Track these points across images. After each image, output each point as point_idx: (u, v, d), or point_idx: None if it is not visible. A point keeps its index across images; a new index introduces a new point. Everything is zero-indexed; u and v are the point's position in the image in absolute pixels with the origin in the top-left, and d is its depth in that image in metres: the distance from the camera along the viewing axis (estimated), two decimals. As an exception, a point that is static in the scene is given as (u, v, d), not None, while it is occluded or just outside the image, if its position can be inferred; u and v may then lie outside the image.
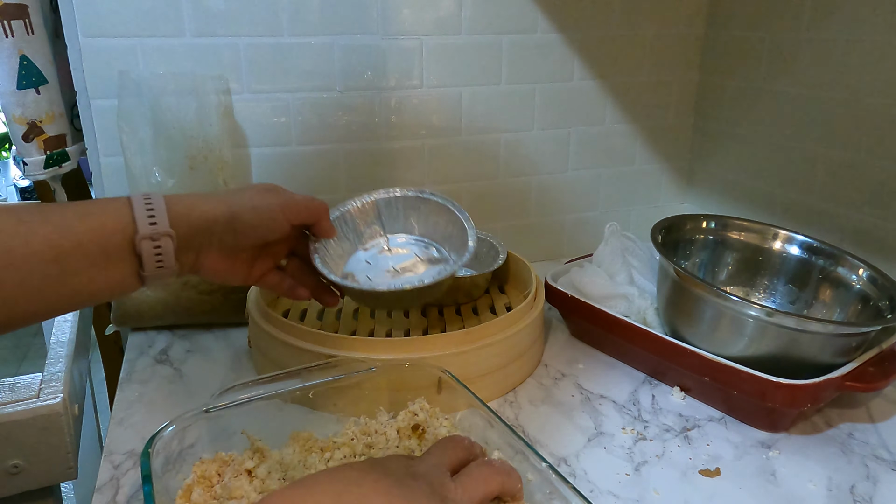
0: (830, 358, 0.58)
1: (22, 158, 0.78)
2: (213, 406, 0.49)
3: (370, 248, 0.64)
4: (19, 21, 0.73)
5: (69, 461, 0.60)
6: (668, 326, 0.68)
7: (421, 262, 0.62)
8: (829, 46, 0.79)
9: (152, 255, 0.44)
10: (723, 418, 0.61)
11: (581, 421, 0.60)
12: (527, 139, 0.93)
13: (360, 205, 0.64)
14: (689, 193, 1.06)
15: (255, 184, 0.55)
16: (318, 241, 0.57)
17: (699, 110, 1.01)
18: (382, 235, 0.64)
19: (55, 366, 0.64)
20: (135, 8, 0.72)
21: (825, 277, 0.70)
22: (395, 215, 0.65)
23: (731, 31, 0.93)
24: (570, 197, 0.99)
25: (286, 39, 0.78)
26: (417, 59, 0.84)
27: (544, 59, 0.90)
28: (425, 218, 0.64)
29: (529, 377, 0.67)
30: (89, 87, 0.73)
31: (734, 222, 0.76)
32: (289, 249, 0.57)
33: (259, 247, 0.53)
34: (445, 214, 0.63)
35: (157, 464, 0.44)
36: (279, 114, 0.81)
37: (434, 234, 0.64)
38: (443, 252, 0.63)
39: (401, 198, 0.64)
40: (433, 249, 0.64)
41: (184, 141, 0.72)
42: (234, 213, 0.48)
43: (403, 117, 0.86)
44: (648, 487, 0.52)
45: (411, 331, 0.70)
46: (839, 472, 0.54)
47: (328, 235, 0.58)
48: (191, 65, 0.75)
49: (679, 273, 0.63)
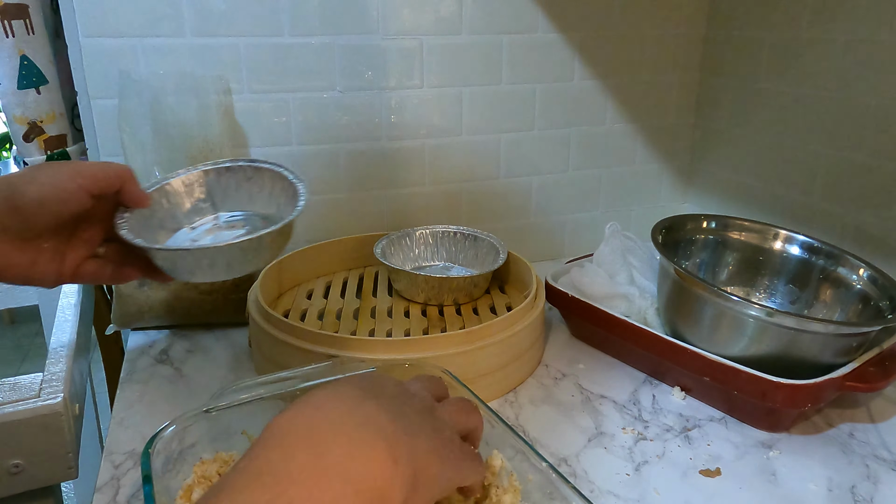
0: (831, 358, 0.58)
1: (22, 158, 0.78)
2: (214, 406, 0.49)
3: (197, 226, 0.56)
4: (20, 21, 0.73)
5: (70, 461, 0.60)
6: (669, 326, 0.68)
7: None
8: (830, 46, 0.79)
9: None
10: (723, 418, 0.61)
11: (581, 421, 0.60)
12: (527, 139, 0.93)
13: (185, 178, 0.56)
14: (689, 193, 1.06)
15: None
16: (130, 212, 0.50)
17: (700, 110, 1.01)
18: (213, 213, 0.57)
19: (56, 366, 0.64)
20: (135, 8, 0.72)
21: (826, 277, 0.70)
22: (227, 188, 0.57)
23: (731, 32, 0.93)
24: (570, 197, 0.99)
25: (286, 39, 0.78)
26: (418, 59, 0.84)
27: (545, 60, 0.90)
28: (259, 189, 0.57)
29: (530, 377, 0.67)
30: (90, 86, 0.73)
31: (735, 222, 0.76)
32: (104, 233, 0.50)
33: (61, 230, 0.46)
34: (280, 183, 0.55)
35: (157, 464, 0.43)
36: (279, 114, 0.81)
37: (269, 208, 0.56)
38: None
39: (232, 168, 0.57)
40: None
41: (184, 141, 0.72)
42: (13, 188, 0.42)
43: (404, 117, 0.86)
44: (649, 487, 0.52)
45: (411, 331, 0.70)
46: (840, 472, 0.54)
47: (139, 203, 0.50)
48: (191, 65, 0.75)
49: (679, 273, 0.63)
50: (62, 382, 0.61)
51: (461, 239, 0.85)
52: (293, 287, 0.80)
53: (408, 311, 0.75)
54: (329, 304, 0.75)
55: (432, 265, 0.85)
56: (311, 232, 0.86)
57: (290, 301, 0.76)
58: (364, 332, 0.69)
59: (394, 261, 0.81)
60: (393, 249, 0.82)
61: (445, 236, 0.85)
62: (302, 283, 0.81)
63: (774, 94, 0.88)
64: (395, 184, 0.89)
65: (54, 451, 0.59)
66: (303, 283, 0.81)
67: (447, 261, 0.85)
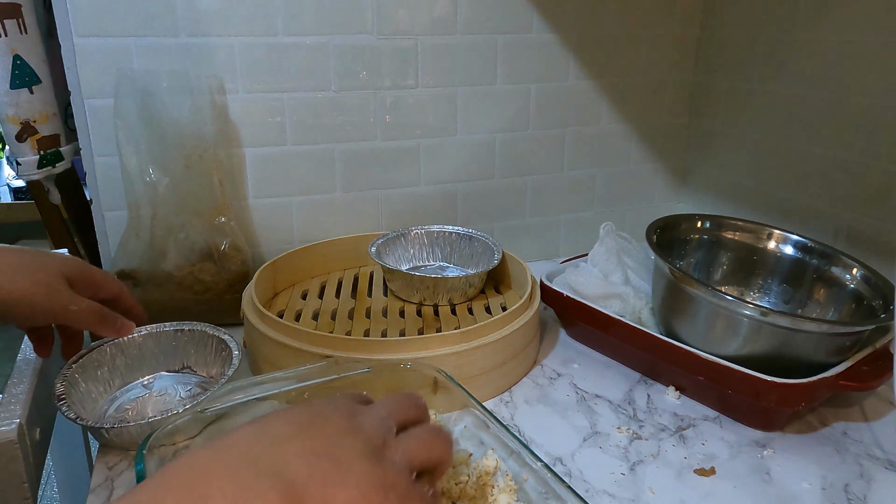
0: (824, 357, 0.58)
1: (15, 158, 0.78)
2: (208, 406, 0.49)
3: (128, 391, 0.61)
4: (12, 20, 0.73)
5: (25, 492, 0.55)
6: (663, 326, 0.68)
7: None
8: (823, 47, 0.80)
9: None
10: (717, 417, 0.61)
11: (576, 420, 0.60)
12: (522, 139, 0.93)
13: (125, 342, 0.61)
14: (683, 193, 1.06)
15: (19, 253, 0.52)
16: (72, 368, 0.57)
17: (694, 110, 1.01)
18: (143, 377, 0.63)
19: (18, 386, 0.59)
20: (129, 7, 0.71)
21: (819, 277, 0.70)
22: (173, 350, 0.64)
23: (725, 32, 0.94)
24: (565, 197, 0.99)
25: (281, 39, 0.78)
26: (413, 59, 0.84)
27: (539, 60, 0.90)
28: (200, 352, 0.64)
29: (525, 377, 0.67)
30: (83, 86, 0.73)
31: (729, 222, 0.77)
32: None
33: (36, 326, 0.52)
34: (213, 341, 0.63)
35: (151, 465, 0.43)
36: (274, 113, 0.80)
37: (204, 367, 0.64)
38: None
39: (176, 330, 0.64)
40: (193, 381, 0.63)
41: (178, 140, 0.72)
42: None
43: (399, 117, 0.86)
44: (644, 487, 0.52)
45: (406, 331, 0.70)
46: (833, 470, 0.54)
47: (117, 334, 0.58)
48: (185, 64, 0.75)
49: (674, 273, 0.63)
50: (21, 406, 0.56)
51: (456, 239, 0.85)
52: (288, 287, 0.80)
53: (403, 311, 0.75)
54: (324, 304, 0.75)
55: (427, 265, 0.85)
56: (306, 232, 0.86)
57: (284, 301, 0.76)
58: (359, 332, 0.69)
59: (389, 261, 0.81)
60: (388, 249, 0.82)
61: (440, 236, 0.85)
62: (297, 284, 0.81)
63: (768, 94, 0.88)
64: (390, 184, 0.89)
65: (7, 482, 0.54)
66: (298, 283, 0.81)
67: (442, 261, 0.85)
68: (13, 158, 0.78)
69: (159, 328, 0.63)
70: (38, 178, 0.79)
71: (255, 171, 0.82)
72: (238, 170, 0.81)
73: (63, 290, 0.52)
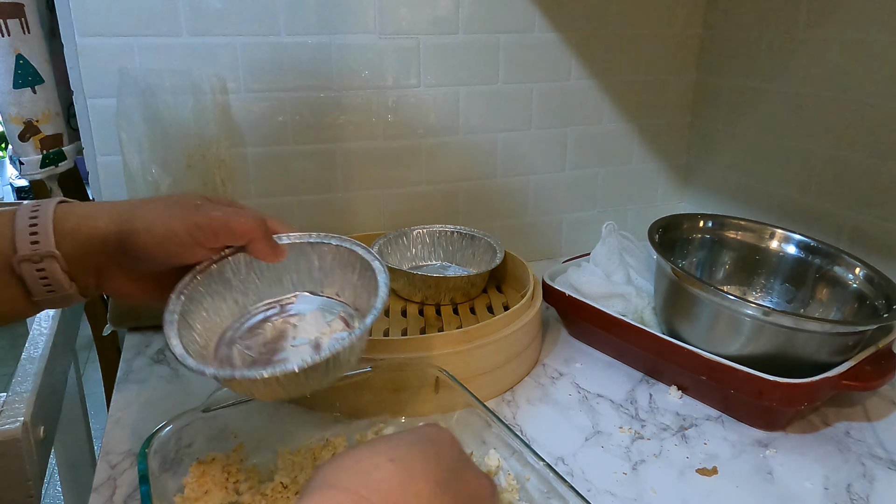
0: (827, 357, 0.58)
1: (18, 158, 0.78)
2: (211, 406, 0.49)
3: (258, 313, 0.50)
4: (15, 20, 0.73)
5: (29, 489, 0.55)
6: (666, 325, 0.68)
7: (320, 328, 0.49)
8: (826, 46, 0.80)
9: (36, 279, 0.37)
10: (720, 417, 0.61)
11: (578, 420, 0.60)
12: (524, 138, 0.93)
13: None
14: (686, 193, 1.06)
15: (171, 195, 0.45)
16: (191, 283, 0.44)
17: (696, 110, 1.01)
18: (290, 292, 0.51)
19: (22, 384, 0.59)
20: (131, 7, 0.71)
21: (822, 276, 0.70)
22: (306, 266, 0.51)
23: (728, 31, 0.93)
24: (567, 196, 0.99)
25: (283, 38, 0.78)
26: (415, 59, 0.84)
27: (542, 59, 0.90)
28: (339, 268, 0.51)
29: (527, 376, 0.67)
30: (86, 86, 0.73)
31: (731, 221, 0.76)
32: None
33: (175, 268, 0.44)
34: (359, 263, 0.50)
35: (154, 464, 0.43)
36: (276, 113, 0.80)
37: (344, 292, 0.51)
38: (349, 313, 0.50)
39: (313, 243, 0.51)
40: (339, 310, 0.50)
41: (181, 139, 0.72)
42: (125, 234, 0.40)
43: (401, 117, 0.86)
44: (646, 486, 0.52)
45: (409, 330, 0.70)
46: (836, 470, 0.54)
47: (270, 260, 0.47)
48: (188, 64, 0.75)
49: (676, 272, 0.63)
50: (25, 404, 0.56)
51: (458, 238, 0.85)
52: (290, 286, 0.80)
53: (405, 311, 0.75)
54: (326, 303, 0.75)
55: (429, 265, 0.85)
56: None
57: (287, 300, 0.76)
58: (361, 331, 0.69)
59: (391, 260, 0.81)
60: (390, 249, 0.82)
61: (442, 236, 0.85)
62: (299, 283, 0.81)
63: (771, 93, 0.88)
64: (392, 183, 0.89)
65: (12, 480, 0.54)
66: (300, 282, 0.81)
67: (444, 260, 0.85)
68: (16, 158, 0.78)
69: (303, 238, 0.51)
70: (41, 177, 0.79)
71: (258, 171, 0.82)
72: (240, 169, 0.81)
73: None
